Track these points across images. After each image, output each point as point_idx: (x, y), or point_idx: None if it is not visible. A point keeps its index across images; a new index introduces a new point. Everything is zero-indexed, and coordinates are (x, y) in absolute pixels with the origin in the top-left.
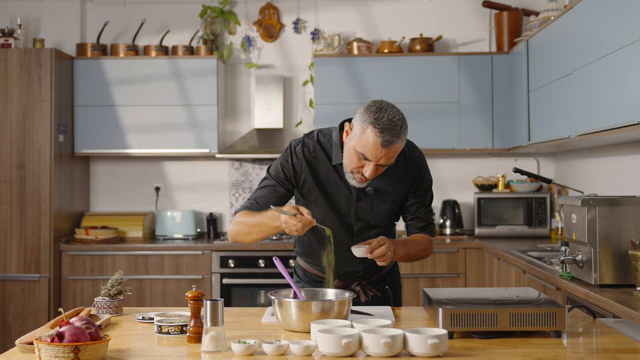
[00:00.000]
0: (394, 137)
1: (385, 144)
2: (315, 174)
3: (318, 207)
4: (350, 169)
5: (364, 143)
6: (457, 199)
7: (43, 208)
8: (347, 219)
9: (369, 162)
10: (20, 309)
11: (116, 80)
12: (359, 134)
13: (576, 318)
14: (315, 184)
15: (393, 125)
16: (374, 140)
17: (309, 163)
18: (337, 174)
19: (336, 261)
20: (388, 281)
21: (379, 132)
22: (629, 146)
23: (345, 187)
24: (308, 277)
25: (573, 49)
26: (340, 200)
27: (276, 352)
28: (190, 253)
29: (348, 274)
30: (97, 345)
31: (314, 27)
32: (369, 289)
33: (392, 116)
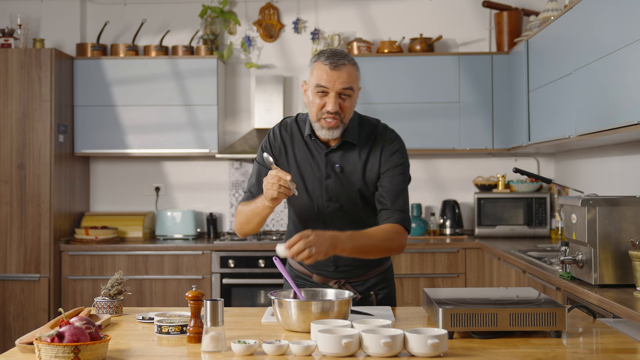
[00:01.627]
0: (340, 59)
1: (334, 66)
2: (291, 152)
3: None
4: (316, 114)
5: (316, 77)
6: (457, 199)
7: (43, 208)
8: (319, 200)
9: (329, 95)
10: (20, 309)
11: (116, 80)
12: (310, 75)
13: (576, 318)
14: (290, 163)
15: (335, 52)
16: (323, 67)
17: (284, 142)
18: (309, 152)
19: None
20: (375, 285)
21: (324, 59)
22: (629, 146)
23: (316, 166)
24: (292, 273)
25: (573, 49)
26: (313, 180)
27: (276, 352)
28: (190, 253)
29: (322, 266)
30: (97, 345)
31: (314, 27)
32: (347, 288)
33: (334, 49)
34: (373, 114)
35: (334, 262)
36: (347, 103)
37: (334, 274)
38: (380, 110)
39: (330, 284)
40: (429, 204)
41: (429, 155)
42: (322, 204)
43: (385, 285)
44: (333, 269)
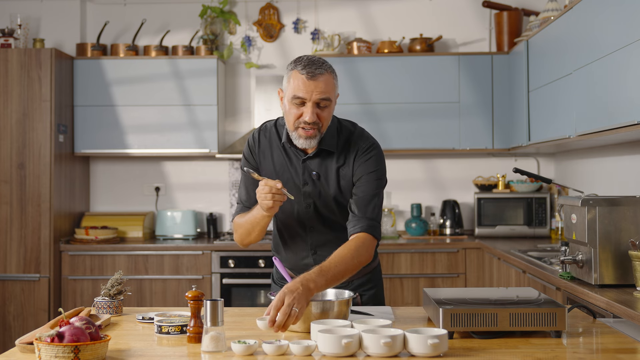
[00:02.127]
0: (317, 68)
1: (310, 75)
2: (270, 157)
3: None
4: (293, 123)
5: (292, 87)
6: (457, 199)
7: (43, 208)
8: (299, 205)
9: (306, 104)
10: (20, 309)
11: (116, 80)
12: (287, 84)
13: (576, 318)
14: (269, 169)
15: (312, 61)
16: (299, 77)
17: (263, 148)
18: (288, 158)
19: (289, 254)
20: (361, 286)
21: (301, 68)
22: (629, 146)
23: (294, 172)
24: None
25: (573, 49)
26: (292, 185)
27: (276, 352)
28: (190, 253)
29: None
30: (97, 345)
31: (314, 27)
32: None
33: (311, 57)
34: (373, 114)
35: (316, 263)
36: (325, 112)
37: None
38: (380, 110)
39: None
40: (429, 204)
41: (429, 155)
42: (302, 210)
43: (371, 286)
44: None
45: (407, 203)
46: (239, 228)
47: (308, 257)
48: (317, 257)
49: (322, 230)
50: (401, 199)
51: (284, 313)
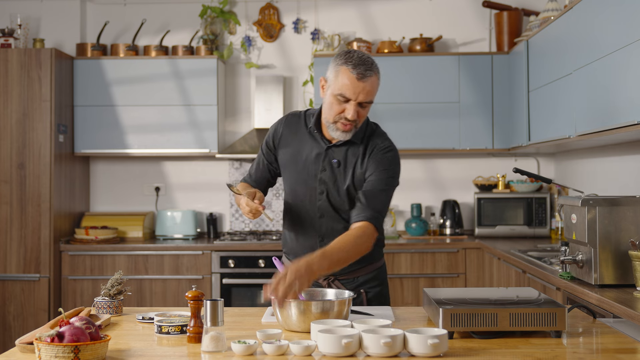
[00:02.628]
0: (367, 70)
1: (360, 77)
2: (294, 140)
3: (290, 175)
4: (332, 117)
5: (340, 83)
6: (457, 199)
7: (43, 208)
8: (312, 191)
9: (350, 102)
10: (20, 309)
11: (116, 80)
12: (334, 78)
13: (576, 318)
14: (291, 151)
15: (364, 60)
16: (349, 76)
17: (290, 129)
18: (311, 144)
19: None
20: (366, 283)
21: (352, 67)
22: (629, 146)
23: (315, 158)
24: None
25: (573, 49)
26: (309, 169)
27: (276, 352)
28: (190, 253)
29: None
30: (97, 345)
31: (314, 27)
32: (336, 285)
33: (361, 54)
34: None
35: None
36: (365, 111)
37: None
38: (380, 110)
39: (320, 281)
40: (429, 204)
41: (429, 155)
42: (314, 196)
43: (377, 284)
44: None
45: (407, 203)
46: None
47: (316, 245)
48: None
49: (332, 219)
50: (401, 199)
51: (286, 288)
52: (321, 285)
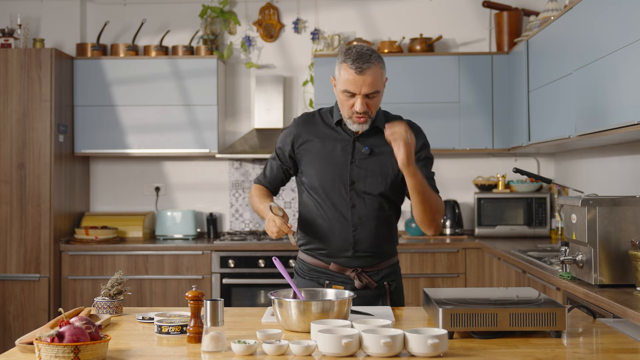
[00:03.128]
0: (365, 62)
1: (359, 71)
2: (314, 135)
3: (314, 172)
4: (346, 113)
5: (343, 79)
6: (457, 199)
7: (43, 208)
8: (342, 185)
9: (356, 96)
10: (20, 309)
11: (116, 80)
12: (338, 76)
13: (576, 318)
14: (312, 149)
15: (362, 54)
16: (349, 72)
17: (308, 126)
18: (336, 138)
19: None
20: (387, 276)
21: (350, 63)
22: (629, 146)
23: (342, 151)
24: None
25: (573, 49)
26: (338, 161)
27: (276, 352)
28: (190, 253)
29: (341, 252)
30: (97, 345)
31: (314, 27)
32: (364, 276)
33: (360, 49)
34: None
35: (354, 245)
36: (374, 101)
37: (352, 261)
38: None
39: (347, 272)
40: None
41: None
42: (346, 187)
43: (395, 278)
44: (352, 254)
45: (407, 203)
46: (250, 198)
47: (349, 235)
48: (357, 234)
49: (364, 207)
50: None
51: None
52: (349, 278)
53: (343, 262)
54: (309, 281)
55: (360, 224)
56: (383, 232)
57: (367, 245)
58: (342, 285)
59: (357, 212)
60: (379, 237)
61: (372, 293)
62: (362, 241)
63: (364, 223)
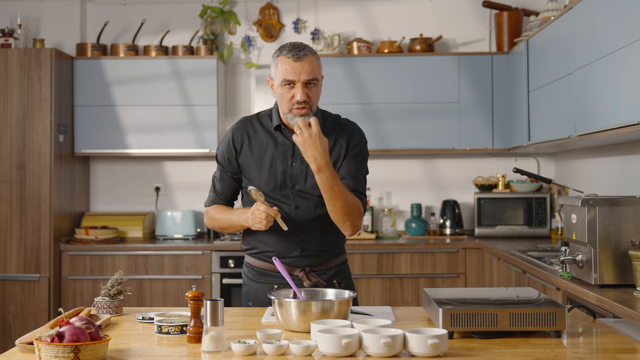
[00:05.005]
0: (300, 50)
1: (296, 58)
2: (254, 143)
3: (255, 176)
4: (287, 106)
5: (281, 71)
6: (457, 199)
7: (43, 208)
8: (284, 187)
9: (296, 86)
10: (20, 309)
11: (116, 80)
12: (275, 70)
13: (576, 318)
14: (253, 154)
15: (295, 45)
16: (287, 61)
17: (246, 134)
18: (275, 143)
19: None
20: (335, 275)
21: (286, 53)
22: (629, 146)
23: (282, 155)
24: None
25: (573, 49)
26: (277, 168)
27: (276, 352)
28: (190, 253)
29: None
30: (97, 345)
31: (314, 27)
32: (312, 275)
33: (293, 42)
34: (373, 114)
35: (300, 245)
36: (313, 92)
37: (299, 261)
38: (380, 110)
39: (296, 272)
40: (429, 204)
41: (429, 155)
42: (287, 190)
43: (344, 276)
44: (299, 253)
45: (407, 203)
46: (214, 220)
47: (295, 235)
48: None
49: (307, 208)
50: (401, 199)
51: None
52: (298, 277)
53: (291, 263)
54: (259, 285)
55: (305, 223)
56: (328, 232)
57: (313, 244)
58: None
59: (300, 212)
60: (325, 237)
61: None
62: (308, 240)
63: (308, 223)
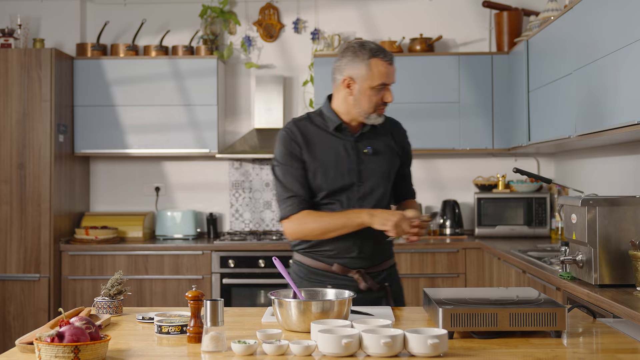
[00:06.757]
0: (390, 53)
1: (391, 61)
2: (313, 144)
3: (320, 176)
4: (371, 107)
5: (377, 74)
6: (457, 199)
7: (43, 208)
8: (351, 183)
9: (386, 87)
10: (20, 309)
11: (116, 80)
12: (367, 72)
13: (576, 318)
14: (314, 154)
15: (382, 48)
16: (383, 64)
17: (304, 134)
18: (335, 143)
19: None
20: (387, 278)
21: (382, 56)
22: (629, 146)
23: (345, 153)
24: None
25: (573, 49)
26: (343, 163)
27: (276, 352)
28: (190, 253)
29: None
30: (97, 345)
31: (314, 27)
32: (367, 278)
33: (374, 43)
34: None
35: (360, 246)
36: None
37: (355, 262)
38: None
39: (351, 274)
40: (429, 204)
41: (429, 155)
42: (354, 188)
43: (395, 279)
44: (356, 254)
45: None
46: (311, 225)
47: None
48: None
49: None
50: None
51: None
52: (352, 279)
53: (346, 263)
54: (309, 285)
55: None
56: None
57: (370, 246)
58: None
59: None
60: (381, 238)
61: (374, 295)
62: (366, 241)
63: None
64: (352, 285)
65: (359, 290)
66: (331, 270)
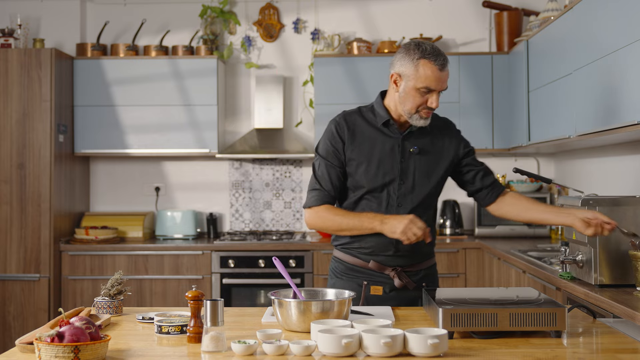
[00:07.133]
0: (445, 59)
1: (442, 67)
2: (359, 138)
3: (362, 171)
4: (415, 109)
5: (423, 76)
6: (457, 199)
7: (43, 208)
8: (392, 180)
9: (433, 92)
10: (20, 309)
11: (116, 80)
12: (414, 72)
13: (576, 318)
14: (359, 148)
15: (438, 50)
16: (432, 68)
17: (352, 127)
18: (383, 138)
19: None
20: (424, 278)
21: (433, 60)
22: (629, 146)
23: (391, 149)
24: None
25: (573, 49)
26: (387, 160)
27: (276, 352)
28: (190, 253)
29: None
30: (97, 345)
31: (314, 27)
32: (403, 276)
33: (432, 45)
34: None
35: (396, 244)
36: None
37: (392, 260)
38: None
39: (387, 271)
40: None
41: None
42: (394, 186)
43: (433, 280)
44: (393, 252)
45: None
46: (328, 221)
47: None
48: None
49: (410, 206)
50: None
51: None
52: (389, 277)
53: (383, 261)
54: (347, 282)
55: None
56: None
57: (408, 244)
58: (380, 286)
59: (402, 210)
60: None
61: (411, 294)
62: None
63: None
64: (389, 283)
65: (395, 289)
66: (368, 267)
